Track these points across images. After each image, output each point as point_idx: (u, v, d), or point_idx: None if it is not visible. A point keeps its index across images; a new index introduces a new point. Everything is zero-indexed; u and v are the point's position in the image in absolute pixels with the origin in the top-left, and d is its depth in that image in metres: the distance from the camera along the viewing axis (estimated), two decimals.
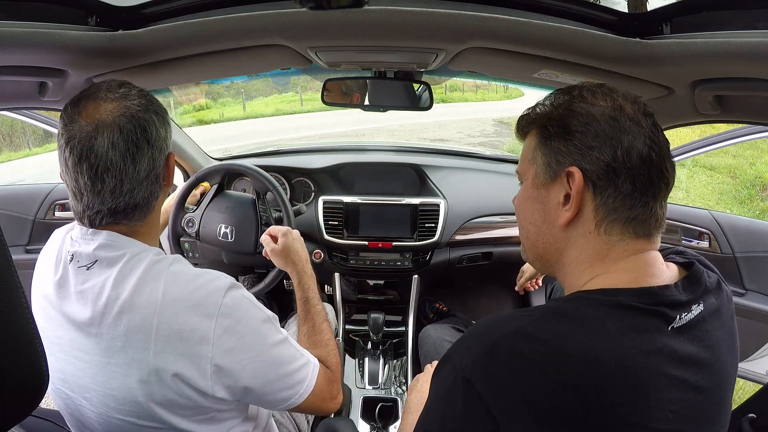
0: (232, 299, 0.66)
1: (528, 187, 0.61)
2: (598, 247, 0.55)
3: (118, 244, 0.65)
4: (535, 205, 0.60)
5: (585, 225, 0.55)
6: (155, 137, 0.67)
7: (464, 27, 0.72)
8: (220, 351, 0.63)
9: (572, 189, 0.55)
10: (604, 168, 0.53)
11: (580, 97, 0.57)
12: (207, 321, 0.63)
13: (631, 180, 0.53)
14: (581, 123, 0.55)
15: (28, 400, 0.41)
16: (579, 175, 0.54)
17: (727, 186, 5.41)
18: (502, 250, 1.71)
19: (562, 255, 0.58)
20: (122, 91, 0.66)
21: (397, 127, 10.37)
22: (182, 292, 0.63)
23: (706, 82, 0.76)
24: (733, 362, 0.55)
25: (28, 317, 0.41)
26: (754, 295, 1.53)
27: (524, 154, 0.63)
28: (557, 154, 0.56)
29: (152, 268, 0.64)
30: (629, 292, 0.50)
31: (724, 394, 0.53)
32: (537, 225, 0.60)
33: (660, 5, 0.71)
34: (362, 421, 1.38)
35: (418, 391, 0.87)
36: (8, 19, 0.66)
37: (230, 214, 1.36)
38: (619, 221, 0.54)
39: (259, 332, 0.68)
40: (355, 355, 1.64)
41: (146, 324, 0.61)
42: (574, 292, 0.55)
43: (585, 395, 0.44)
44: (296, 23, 0.74)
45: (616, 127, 0.54)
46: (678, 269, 0.57)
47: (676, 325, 0.49)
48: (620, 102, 0.55)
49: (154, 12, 0.75)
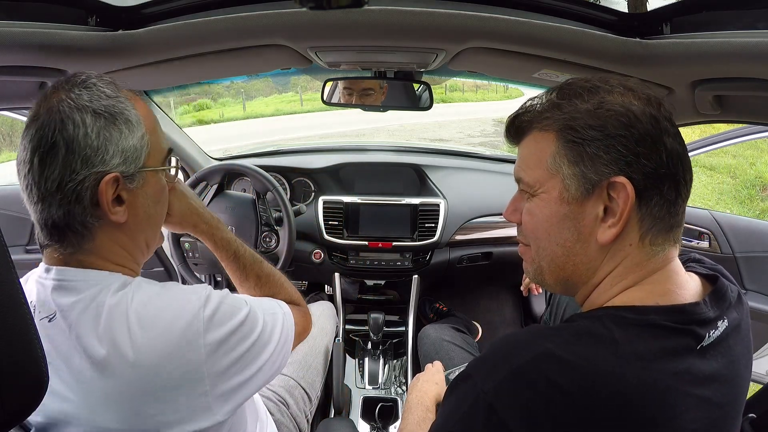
0: (211, 310, 0.58)
1: (552, 202, 0.52)
2: (638, 259, 0.50)
3: (71, 285, 0.56)
4: (565, 223, 0.51)
5: (627, 238, 0.49)
6: (79, 141, 0.53)
7: (464, 27, 0.72)
8: (216, 378, 0.57)
9: (619, 202, 0.48)
10: (652, 175, 0.47)
11: (608, 92, 0.49)
12: (193, 353, 0.55)
13: (674, 185, 0.48)
14: (623, 124, 0.47)
15: (27, 401, 0.41)
16: (630, 186, 0.47)
17: (727, 186, 5.40)
18: (502, 250, 1.71)
19: (594, 274, 0.52)
20: (84, 82, 0.57)
21: (397, 127, 10.37)
22: (155, 338, 0.54)
23: (706, 82, 0.76)
24: (748, 376, 0.54)
25: (28, 318, 0.40)
26: (754, 295, 1.53)
27: (534, 160, 0.53)
28: (595, 163, 0.48)
29: (113, 313, 0.54)
30: (660, 311, 0.47)
31: (739, 408, 0.52)
32: (568, 246, 0.52)
33: (660, 5, 0.71)
34: (362, 421, 1.38)
35: (419, 390, 0.87)
36: (8, 19, 0.66)
37: (230, 214, 1.36)
38: (663, 230, 0.49)
39: (244, 334, 0.62)
40: (355, 355, 1.64)
41: (128, 387, 0.53)
42: (601, 307, 0.51)
43: (614, 423, 0.43)
44: (296, 23, 0.74)
45: (658, 127, 0.48)
46: (701, 281, 0.54)
47: (705, 344, 0.47)
48: (649, 96, 0.50)
49: (154, 12, 0.75)
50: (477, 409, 0.45)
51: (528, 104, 0.55)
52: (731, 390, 0.50)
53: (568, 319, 0.51)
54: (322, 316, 1.38)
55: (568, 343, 0.45)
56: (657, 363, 0.44)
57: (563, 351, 0.44)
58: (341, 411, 1.35)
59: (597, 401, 0.43)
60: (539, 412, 0.43)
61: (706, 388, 0.47)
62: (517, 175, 0.56)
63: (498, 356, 0.48)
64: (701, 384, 0.46)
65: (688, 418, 0.45)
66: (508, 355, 0.47)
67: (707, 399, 0.47)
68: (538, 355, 0.45)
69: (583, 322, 0.48)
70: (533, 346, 0.46)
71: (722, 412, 0.49)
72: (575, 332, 0.47)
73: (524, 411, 0.43)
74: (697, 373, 0.46)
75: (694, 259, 0.60)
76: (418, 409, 0.82)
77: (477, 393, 0.46)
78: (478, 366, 0.49)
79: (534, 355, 0.45)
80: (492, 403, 0.44)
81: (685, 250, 0.61)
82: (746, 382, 0.54)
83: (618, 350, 0.44)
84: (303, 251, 1.60)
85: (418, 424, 0.78)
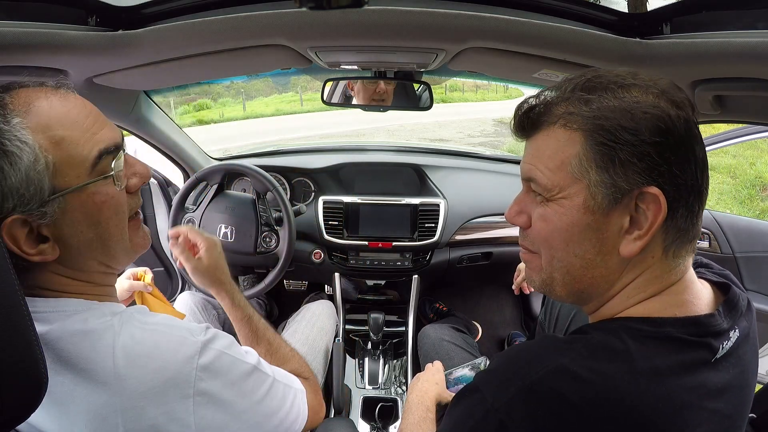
0: (208, 359, 0.54)
1: (573, 210, 0.47)
2: (658, 272, 0.47)
3: (46, 313, 0.50)
4: (587, 233, 0.47)
5: (650, 251, 0.47)
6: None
7: (464, 27, 0.72)
8: (205, 430, 0.54)
9: (648, 214, 0.44)
10: (682, 186, 0.44)
11: (643, 90, 0.45)
12: (182, 403, 0.52)
13: (698, 196, 0.46)
14: (660, 130, 0.43)
15: (27, 402, 0.41)
16: (662, 198, 0.43)
17: (727, 186, 5.40)
18: (502, 250, 1.70)
19: (611, 287, 0.49)
20: None
21: (397, 127, 10.36)
22: (143, 377, 0.50)
23: (706, 82, 0.76)
24: (754, 382, 0.53)
25: (27, 319, 0.40)
26: (754, 295, 1.53)
27: (555, 160, 0.47)
28: (627, 170, 0.44)
29: (97, 346, 0.50)
30: (677, 323, 0.45)
31: (746, 415, 0.52)
32: (588, 258, 0.48)
33: (660, 5, 0.71)
34: (362, 421, 1.38)
35: (419, 390, 0.87)
36: (9, 19, 0.66)
37: (230, 214, 1.36)
38: (686, 242, 0.47)
39: (244, 391, 0.58)
40: (355, 355, 1.64)
41: (110, 427, 0.49)
42: (614, 318, 0.49)
43: None
44: (296, 23, 0.74)
45: (691, 134, 0.45)
46: (712, 289, 0.53)
47: (719, 355, 0.46)
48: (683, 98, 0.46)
49: (154, 12, 0.75)
50: (486, 425, 0.44)
51: (546, 94, 0.49)
52: (740, 399, 0.50)
53: (580, 330, 0.49)
54: (322, 316, 1.38)
55: (582, 357, 0.43)
56: (673, 378, 0.43)
57: (577, 366, 0.43)
58: (341, 411, 1.35)
59: (611, 418, 0.42)
60: (552, 429, 0.42)
61: (718, 400, 0.46)
62: (529, 175, 0.50)
63: (509, 371, 0.46)
64: (714, 397, 0.45)
65: (700, 431, 0.44)
66: (519, 370, 0.45)
67: (719, 411, 0.46)
68: (551, 371, 0.43)
69: (596, 334, 0.46)
70: (546, 361, 0.44)
71: (731, 422, 0.48)
72: (589, 346, 0.45)
73: (536, 428, 0.42)
74: (711, 386, 0.45)
75: (702, 264, 0.58)
76: (419, 408, 0.82)
77: (487, 408, 0.44)
78: (488, 379, 0.48)
79: (547, 371, 0.43)
80: (503, 420, 0.43)
81: None
82: (753, 389, 0.53)
83: (634, 366, 0.43)
84: (303, 251, 1.60)
85: (418, 424, 0.78)
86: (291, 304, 1.79)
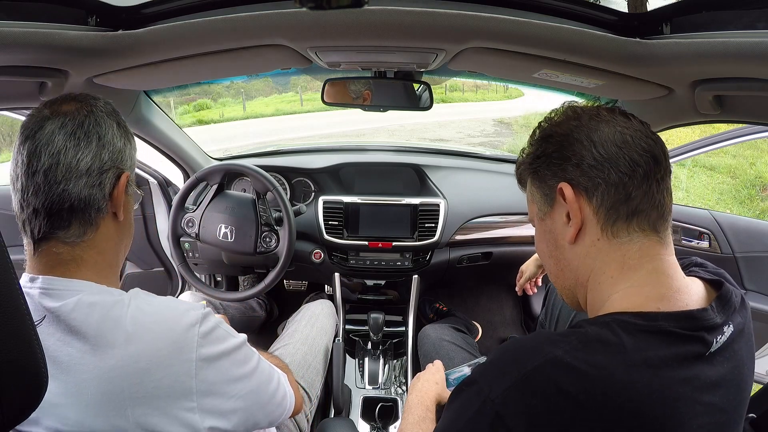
0: (208, 328, 0.60)
1: (537, 225, 0.62)
2: (611, 254, 0.53)
3: (58, 292, 0.57)
4: (546, 236, 0.60)
5: (591, 234, 0.54)
6: (109, 139, 0.62)
7: (464, 27, 0.72)
8: (205, 396, 0.59)
9: (569, 203, 0.54)
10: (587, 169, 0.53)
11: (545, 123, 0.60)
12: (184, 366, 0.57)
13: (615, 168, 0.52)
14: (553, 142, 0.57)
15: (27, 401, 0.41)
16: (567, 187, 0.54)
17: (727, 186, 5.40)
18: (502, 250, 1.70)
19: (587, 277, 0.55)
20: (92, 100, 0.65)
21: (397, 127, 10.36)
22: (150, 340, 0.56)
23: (706, 82, 0.76)
24: (751, 379, 0.54)
25: (26, 318, 0.40)
26: (754, 295, 1.53)
27: (527, 199, 0.64)
28: (546, 180, 0.57)
29: (108, 315, 0.56)
30: (669, 317, 0.47)
31: (743, 411, 0.53)
32: (555, 256, 0.59)
33: (660, 5, 0.71)
34: (362, 421, 1.38)
35: (419, 390, 0.87)
36: (8, 19, 0.66)
37: (230, 214, 1.36)
38: (621, 219, 0.52)
39: (239, 360, 0.64)
40: (355, 355, 1.64)
41: (116, 389, 0.54)
42: (608, 314, 0.51)
43: (622, 430, 0.43)
44: (296, 23, 0.74)
45: (579, 126, 0.55)
46: (704, 285, 0.54)
47: (713, 349, 0.48)
48: (577, 107, 0.58)
49: (154, 12, 0.75)
50: (483, 416, 0.45)
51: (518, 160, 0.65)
52: (736, 394, 0.50)
53: (576, 325, 0.51)
54: (321, 316, 1.38)
55: (576, 349, 0.45)
56: (666, 370, 0.44)
57: (572, 358, 0.44)
58: (341, 411, 1.35)
59: (606, 409, 0.42)
60: (547, 420, 0.43)
61: (713, 394, 0.47)
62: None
63: (505, 363, 0.48)
64: (708, 390, 0.46)
65: (696, 424, 0.45)
66: (515, 362, 0.47)
67: (714, 405, 0.47)
68: (546, 362, 0.45)
69: (591, 328, 0.48)
70: (541, 353, 0.46)
71: (727, 417, 0.49)
72: (584, 339, 0.47)
73: (532, 419, 0.43)
74: (705, 379, 0.46)
75: (696, 264, 0.60)
76: (419, 408, 0.82)
77: (483, 399, 0.46)
78: (484, 372, 0.49)
79: (542, 362, 0.45)
80: (499, 411, 0.44)
81: (686, 251, 0.61)
82: (750, 386, 0.54)
83: (627, 358, 0.44)
84: (303, 251, 1.60)
85: (418, 424, 0.78)
86: (291, 304, 1.80)
